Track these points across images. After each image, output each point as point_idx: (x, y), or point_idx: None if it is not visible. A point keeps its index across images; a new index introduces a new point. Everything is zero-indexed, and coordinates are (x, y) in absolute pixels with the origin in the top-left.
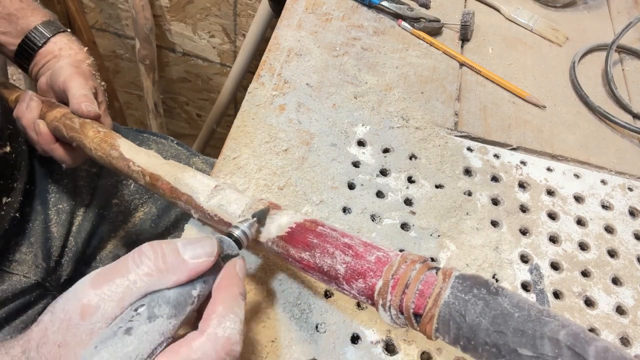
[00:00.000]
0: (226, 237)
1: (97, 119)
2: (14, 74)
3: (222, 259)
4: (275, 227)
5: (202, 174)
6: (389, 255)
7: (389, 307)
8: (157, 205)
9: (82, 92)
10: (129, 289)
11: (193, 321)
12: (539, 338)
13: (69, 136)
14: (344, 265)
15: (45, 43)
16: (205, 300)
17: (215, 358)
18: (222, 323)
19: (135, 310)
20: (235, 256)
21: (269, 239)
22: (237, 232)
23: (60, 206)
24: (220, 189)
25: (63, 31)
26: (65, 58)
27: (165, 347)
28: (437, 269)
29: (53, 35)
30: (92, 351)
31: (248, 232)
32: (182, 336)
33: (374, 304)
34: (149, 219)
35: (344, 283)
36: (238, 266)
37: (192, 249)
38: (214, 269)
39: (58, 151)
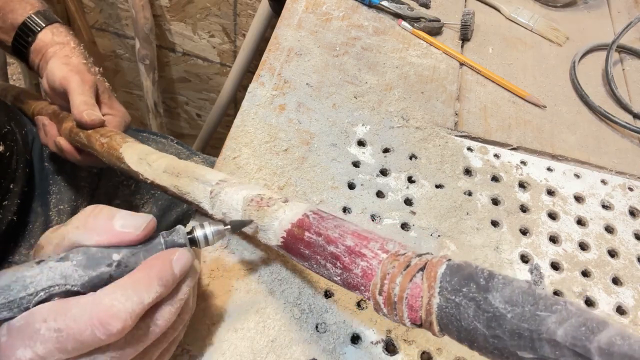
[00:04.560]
0: (183, 229)
1: (102, 124)
2: (14, 73)
3: (166, 243)
4: (272, 235)
5: (199, 177)
6: (372, 266)
7: (392, 317)
8: (158, 205)
9: (80, 99)
10: (63, 237)
11: None
12: (537, 340)
13: (83, 147)
14: (339, 278)
15: (33, 40)
16: None
17: (85, 321)
18: (114, 292)
19: (59, 253)
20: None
21: (275, 244)
22: (198, 232)
23: (61, 207)
24: (216, 195)
25: (50, 23)
26: (52, 57)
27: (65, 297)
28: (423, 269)
29: (39, 31)
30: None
31: (210, 237)
32: None
33: None
34: None
35: (350, 291)
36: (177, 255)
37: (124, 218)
38: (150, 248)
39: (86, 160)
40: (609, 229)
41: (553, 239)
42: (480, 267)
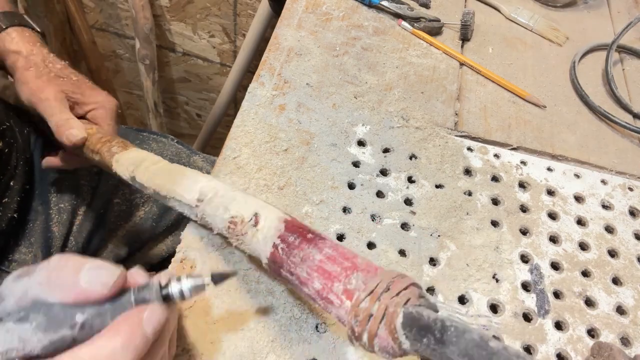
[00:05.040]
0: (156, 284)
1: (85, 139)
2: None
3: (136, 301)
4: (260, 257)
5: (181, 199)
6: (342, 317)
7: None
8: (158, 204)
9: (54, 122)
10: (25, 290)
11: None
12: None
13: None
14: (323, 308)
15: None
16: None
17: None
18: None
19: (19, 311)
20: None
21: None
22: (173, 289)
23: (62, 205)
24: (202, 218)
25: (5, 28)
26: (14, 71)
27: None
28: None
29: None
30: None
31: (187, 293)
32: None
33: None
34: (150, 218)
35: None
36: (147, 313)
37: (91, 273)
38: (118, 306)
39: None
40: (609, 229)
41: (553, 239)
42: (434, 316)
